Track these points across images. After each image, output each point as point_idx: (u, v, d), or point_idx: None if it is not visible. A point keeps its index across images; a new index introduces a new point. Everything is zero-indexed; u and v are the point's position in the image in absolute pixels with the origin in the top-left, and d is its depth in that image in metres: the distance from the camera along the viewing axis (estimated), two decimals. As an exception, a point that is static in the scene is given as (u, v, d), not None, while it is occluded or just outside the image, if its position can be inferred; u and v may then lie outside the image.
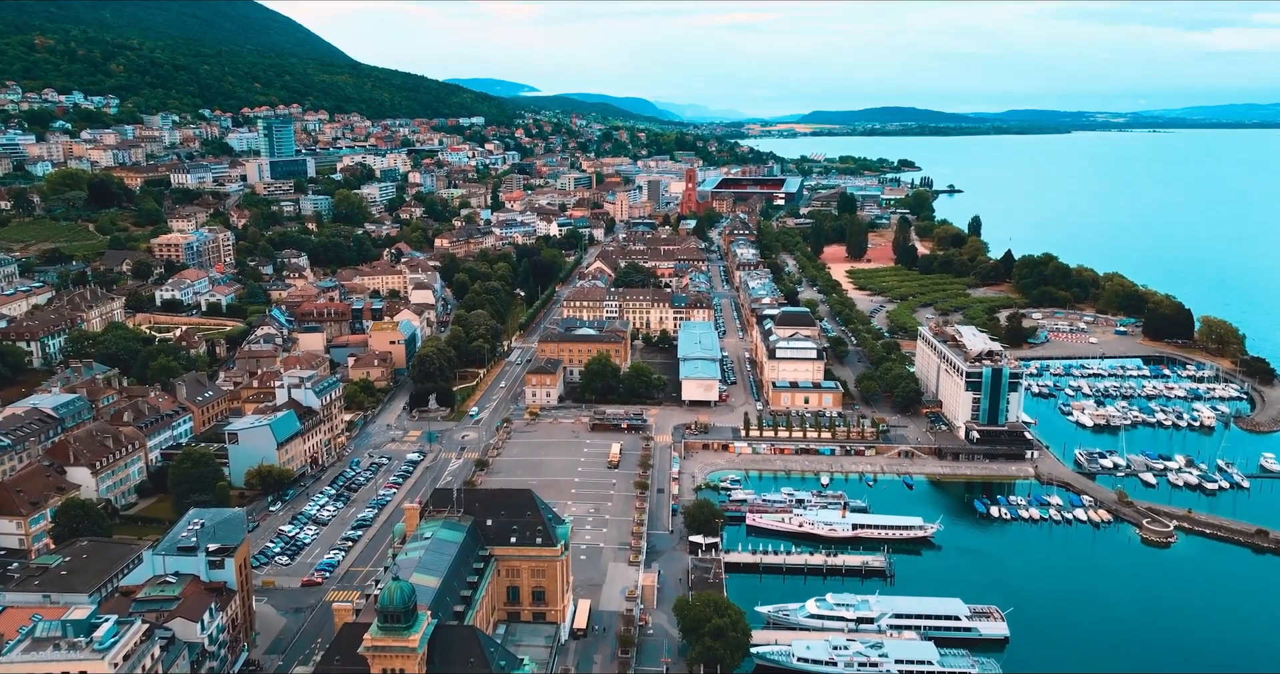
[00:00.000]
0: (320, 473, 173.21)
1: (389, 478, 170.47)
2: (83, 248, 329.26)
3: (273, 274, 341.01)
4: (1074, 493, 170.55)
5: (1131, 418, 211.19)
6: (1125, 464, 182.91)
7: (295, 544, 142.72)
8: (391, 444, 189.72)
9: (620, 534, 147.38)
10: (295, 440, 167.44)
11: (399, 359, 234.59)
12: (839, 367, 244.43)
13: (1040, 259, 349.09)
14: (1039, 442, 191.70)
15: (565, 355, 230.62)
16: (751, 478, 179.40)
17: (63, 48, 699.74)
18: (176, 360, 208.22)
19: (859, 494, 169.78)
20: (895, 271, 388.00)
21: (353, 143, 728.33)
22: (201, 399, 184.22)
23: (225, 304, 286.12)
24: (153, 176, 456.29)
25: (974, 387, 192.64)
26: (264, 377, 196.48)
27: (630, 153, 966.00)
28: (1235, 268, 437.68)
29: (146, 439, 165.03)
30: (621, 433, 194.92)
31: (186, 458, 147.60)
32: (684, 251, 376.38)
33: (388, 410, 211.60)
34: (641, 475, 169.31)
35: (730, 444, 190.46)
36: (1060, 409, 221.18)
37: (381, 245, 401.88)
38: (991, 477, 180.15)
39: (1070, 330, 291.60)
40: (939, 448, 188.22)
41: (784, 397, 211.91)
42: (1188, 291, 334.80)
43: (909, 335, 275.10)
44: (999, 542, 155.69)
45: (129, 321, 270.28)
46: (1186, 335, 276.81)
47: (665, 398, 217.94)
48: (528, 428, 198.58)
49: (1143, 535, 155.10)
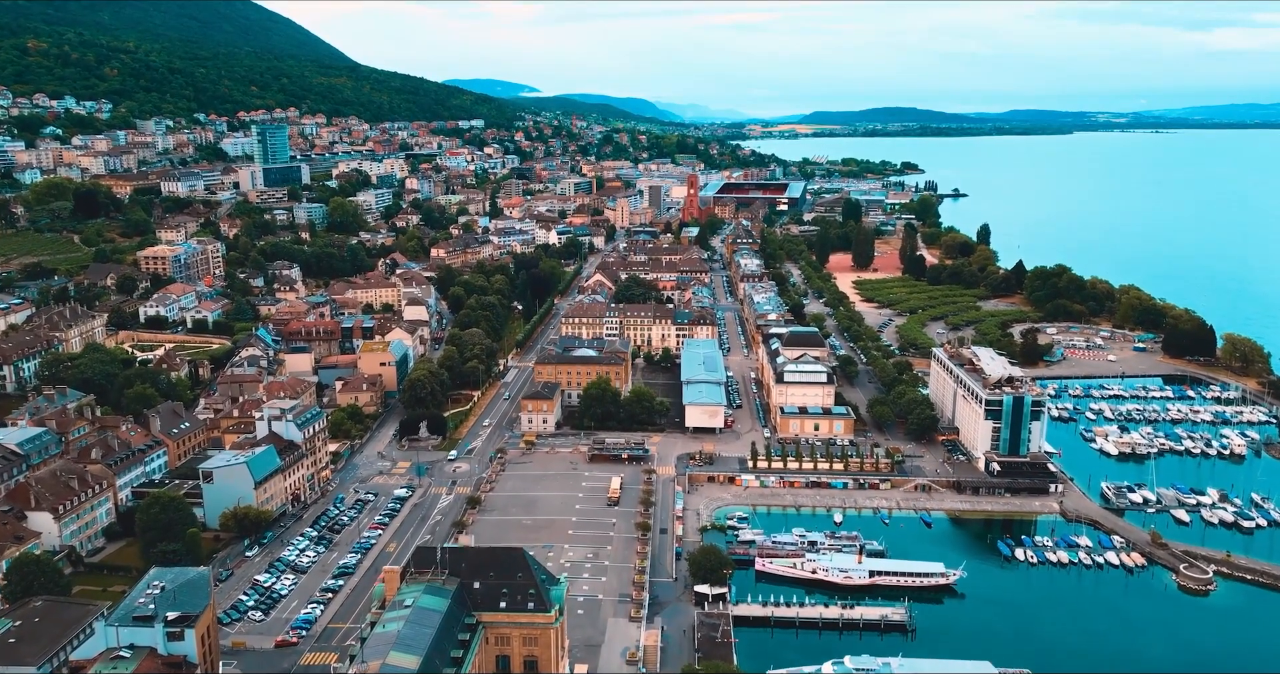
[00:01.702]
0: (302, 511, 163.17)
1: (375, 517, 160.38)
2: (66, 261, 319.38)
3: (264, 286, 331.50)
4: (1103, 532, 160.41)
5: (1158, 445, 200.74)
6: (1155, 499, 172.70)
7: (271, 596, 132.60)
8: (379, 477, 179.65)
9: (620, 583, 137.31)
10: (275, 478, 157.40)
11: (389, 381, 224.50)
12: (849, 388, 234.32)
13: (1053, 270, 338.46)
14: (1063, 474, 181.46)
15: (563, 378, 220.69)
16: (760, 514, 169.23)
17: (56, 51, 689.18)
18: (155, 386, 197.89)
19: (874, 534, 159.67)
20: (903, 282, 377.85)
21: (350, 147, 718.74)
22: (177, 431, 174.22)
23: (211, 321, 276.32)
24: (143, 185, 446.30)
25: (994, 415, 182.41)
26: (245, 405, 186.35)
27: (631, 156, 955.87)
28: (1253, 279, 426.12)
29: (116, 477, 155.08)
30: (622, 464, 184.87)
31: (155, 502, 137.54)
32: (686, 262, 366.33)
33: (377, 438, 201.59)
34: (643, 514, 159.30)
35: (737, 477, 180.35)
36: (1082, 435, 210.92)
37: (376, 255, 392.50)
38: (1014, 513, 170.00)
39: (1087, 346, 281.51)
40: (957, 481, 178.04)
41: (793, 423, 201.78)
42: (1205, 304, 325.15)
43: (920, 352, 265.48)
44: (1025, 589, 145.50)
45: (111, 340, 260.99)
46: (1208, 353, 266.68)
47: (668, 424, 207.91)
48: (523, 458, 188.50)
49: (1179, 582, 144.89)
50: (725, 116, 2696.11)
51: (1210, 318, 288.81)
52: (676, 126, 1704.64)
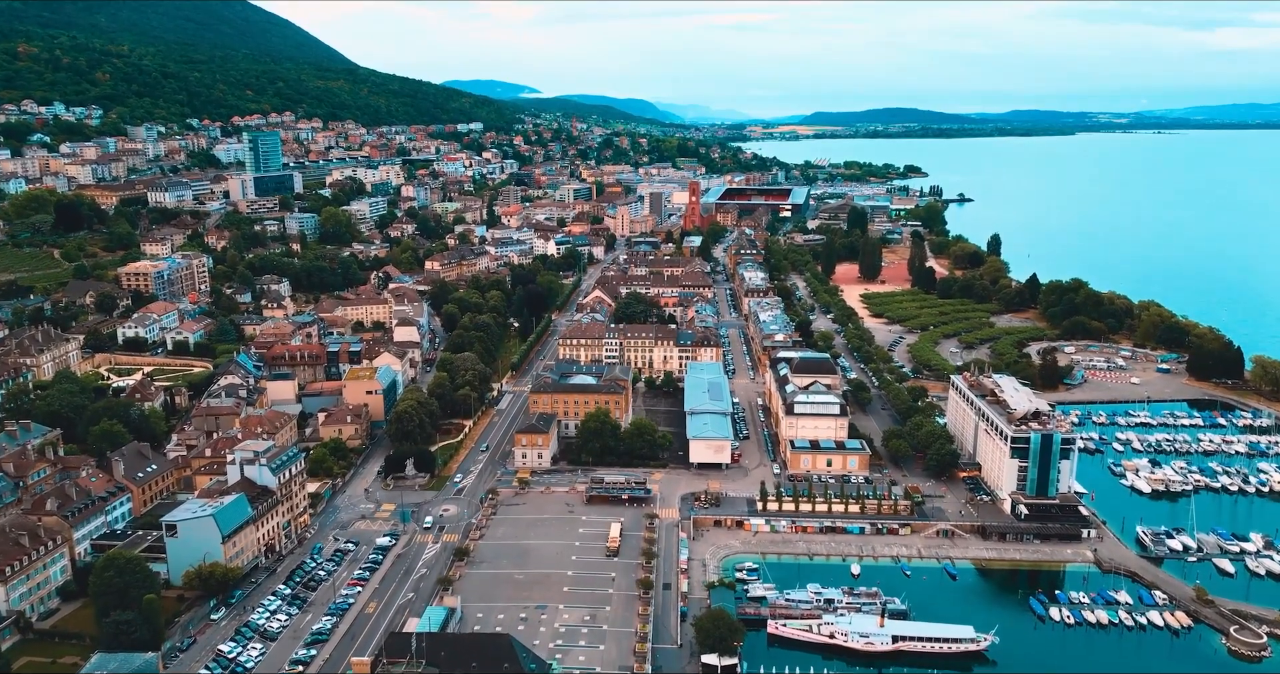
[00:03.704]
0: (276, 563, 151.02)
1: (354, 571, 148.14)
2: (45, 278, 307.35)
3: (251, 302, 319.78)
4: (1143, 585, 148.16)
5: (1193, 482, 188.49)
6: (1196, 546, 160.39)
7: (234, 671, 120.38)
8: (361, 522, 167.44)
9: (620, 653, 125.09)
10: (246, 529, 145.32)
11: (376, 410, 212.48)
12: (861, 415, 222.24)
13: (1069, 285, 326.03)
14: (1095, 517, 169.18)
15: (560, 407, 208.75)
16: (771, 563, 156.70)
17: (47, 56, 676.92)
18: (126, 421, 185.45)
19: (895, 588, 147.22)
20: (913, 296, 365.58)
21: (346, 153, 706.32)
22: (143, 476, 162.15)
23: (193, 342, 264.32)
24: (129, 195, 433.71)
25: (1020, 453, 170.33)
26: (219, 443, 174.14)
27: (631, 159, 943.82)
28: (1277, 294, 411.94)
29: (74, 529, 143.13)
30: (622, 506, 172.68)
31: (110, 564, 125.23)
32: (689, 277, 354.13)
33: (361, 475, 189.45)
34: (645, 567, 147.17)
35: (745, 521, 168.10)
36: (1110, 469, 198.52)
37: (369, 268, 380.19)
38: (1044, 563, 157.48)
39: (1108, 367, 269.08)
40: (982, 525, 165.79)
41: (804, 458, 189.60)
42: (1227, 320, 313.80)
43: (935, 375, 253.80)
44: (1063, 654, 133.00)
45: (87, 364, 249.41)
46: (1236, 375, 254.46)
47: (671, 458, 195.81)
48: (516, 499, 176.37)
49: (1230, 646, 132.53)
50: (726, 117, 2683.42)
51: (1233, 335, 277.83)
52: (677, 128, 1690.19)
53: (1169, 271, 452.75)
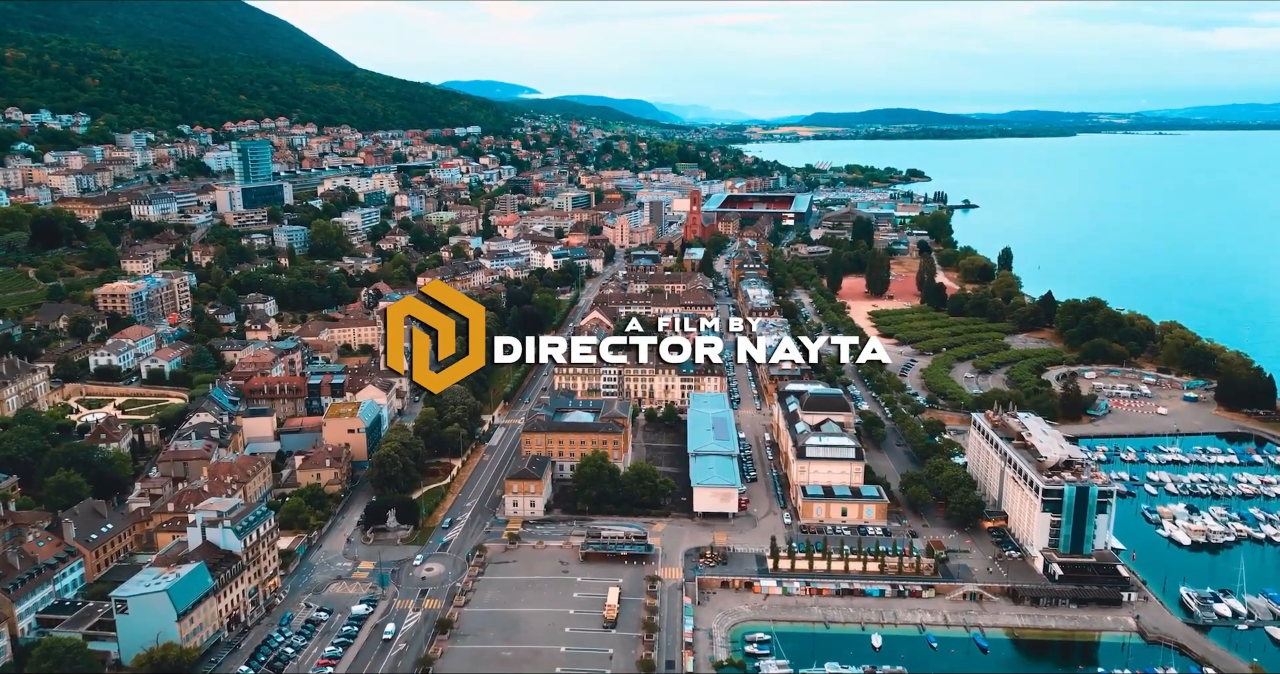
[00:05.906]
0: (240, 637, 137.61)
1: (324, 647, 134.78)
2: (17, 300, 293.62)
3: (235, 323, 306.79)
4: (1192, 661, 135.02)
5: (1235, 532, 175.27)
6: (1246, 612, 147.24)
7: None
8: (337, 584, 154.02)
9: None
10: (206, 602, 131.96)
11: (359, 450, 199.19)
12: (876, 453, 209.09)
13: (1087, 304, 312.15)
14: (1135, 576, 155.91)
15: (555, 448, 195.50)
16: (784, 632, 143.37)
17: (35, 61, 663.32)
18: (86, 469, 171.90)
19: (922, 663, 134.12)
20: (923, 314, 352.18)
21: (340, 159, 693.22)
22: (96, 537, 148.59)
23: (169, 370, 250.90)
24: (111, 208, 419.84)
25: (1053, 507, 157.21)
26: (183, 496, 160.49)
27: (631, 164, 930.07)
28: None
29: (15, 604, 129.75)
30: (621, 564, 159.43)
31: (47, 655, 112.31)
32: (691, 295, 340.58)
33: (339, 525, 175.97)
34: (646, 641, 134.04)
35: (755, 582, 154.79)
36: (1144, 516, 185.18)
37: (359, 284, 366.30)
38: (1082, 632, 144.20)
39: (1132, 395, 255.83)
40: (1013, 588, 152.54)
41: (816, 507, 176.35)
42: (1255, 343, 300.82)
43: (951, 405, 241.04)
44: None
45: (56, 394, 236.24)
46: (1268, 405, 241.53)
47: (673, 504, 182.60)
48: (506, 556, 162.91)
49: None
50: (726, 118, 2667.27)
51: (1260, 359, 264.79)
52: (677, 129, 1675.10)
53: (1184, 285, 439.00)
